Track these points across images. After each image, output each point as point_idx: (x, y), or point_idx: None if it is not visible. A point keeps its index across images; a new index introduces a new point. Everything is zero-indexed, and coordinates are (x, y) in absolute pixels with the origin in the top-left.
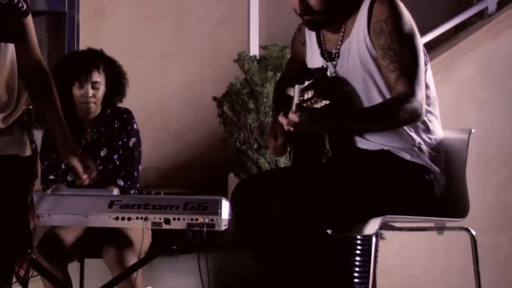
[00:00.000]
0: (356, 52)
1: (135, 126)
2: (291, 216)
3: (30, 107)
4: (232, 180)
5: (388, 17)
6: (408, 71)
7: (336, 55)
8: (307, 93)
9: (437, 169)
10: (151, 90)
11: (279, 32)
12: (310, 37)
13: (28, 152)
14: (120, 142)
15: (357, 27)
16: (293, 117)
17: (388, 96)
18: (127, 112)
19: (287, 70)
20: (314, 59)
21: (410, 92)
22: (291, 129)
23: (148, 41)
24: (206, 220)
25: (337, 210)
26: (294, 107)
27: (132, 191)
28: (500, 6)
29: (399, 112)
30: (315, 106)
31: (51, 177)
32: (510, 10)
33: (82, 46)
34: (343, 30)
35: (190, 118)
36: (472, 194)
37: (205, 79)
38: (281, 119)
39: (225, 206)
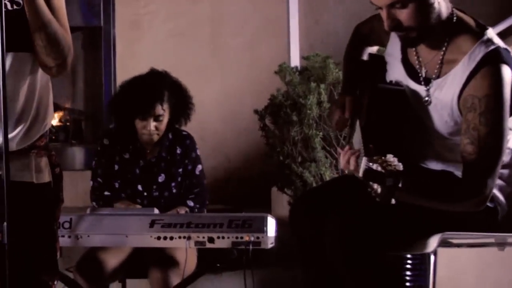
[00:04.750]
0: (440, 105)
1: (198, 152)
2: (346, 243)
3: (68, 123)
4: (275, 194)
5: (485, 96)
6: (487, 161)
7: (429, 82)
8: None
9: (502, 199)
10: None
11: (319, 42)
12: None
13: (46, 179)
14: (180, 169)
15: (452, 76)
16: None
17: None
18: (190, 138)
19: (368, 27)
20: (394, 62)
21: (482, 185)
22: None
23: (185, 54)
24: (252, 238)
25: (393, 232)
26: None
27: None
28: None
29: (463, 202)
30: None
31: (107, 193)
32: None
33: (119, 61)
34: (444, 49)
35: (229, 131)
36: None
37: (243, 91)
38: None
39: (271, 224)
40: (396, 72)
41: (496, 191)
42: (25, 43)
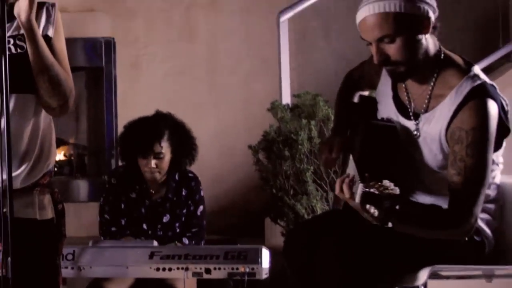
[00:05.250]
0: (429, 138)
1: (202, 194)
2: (340, 271)
3: (72, 158)
4: (269, 225)
5: (472, 129)
6: (472, 190)
7: (418, 117)
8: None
9: (489, 232)
10: None
11: (309, 80)
12: (386, 73)
13: (49, 215)
14: (184, 210)
15: (439, 110)
16: (355, 204)
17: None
18: (195, 180)
19: (359, 72)
20: (385, 100)
21: (467, 213)
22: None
23: (182, 92)
24: (247, 269)
25: (385, 264)
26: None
27: None
28: None
29: (450, 230)
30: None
31: (113, 229)
32: None
33: (120, 99)
34: (432, 84)
35: (224, 165)
36: None
37: (238, 128)
38: (340, 187)
39: (265, 255)
40: (387, 110)
41: (483, 225)
42: (28, 85)
